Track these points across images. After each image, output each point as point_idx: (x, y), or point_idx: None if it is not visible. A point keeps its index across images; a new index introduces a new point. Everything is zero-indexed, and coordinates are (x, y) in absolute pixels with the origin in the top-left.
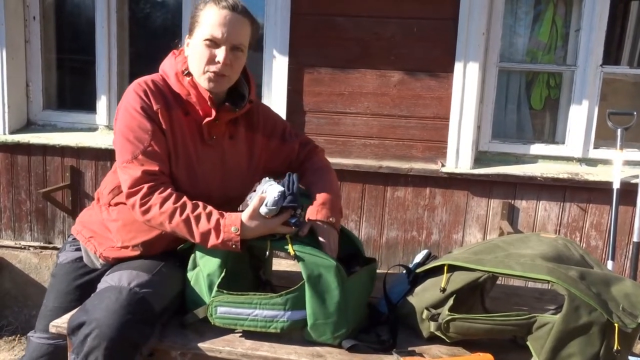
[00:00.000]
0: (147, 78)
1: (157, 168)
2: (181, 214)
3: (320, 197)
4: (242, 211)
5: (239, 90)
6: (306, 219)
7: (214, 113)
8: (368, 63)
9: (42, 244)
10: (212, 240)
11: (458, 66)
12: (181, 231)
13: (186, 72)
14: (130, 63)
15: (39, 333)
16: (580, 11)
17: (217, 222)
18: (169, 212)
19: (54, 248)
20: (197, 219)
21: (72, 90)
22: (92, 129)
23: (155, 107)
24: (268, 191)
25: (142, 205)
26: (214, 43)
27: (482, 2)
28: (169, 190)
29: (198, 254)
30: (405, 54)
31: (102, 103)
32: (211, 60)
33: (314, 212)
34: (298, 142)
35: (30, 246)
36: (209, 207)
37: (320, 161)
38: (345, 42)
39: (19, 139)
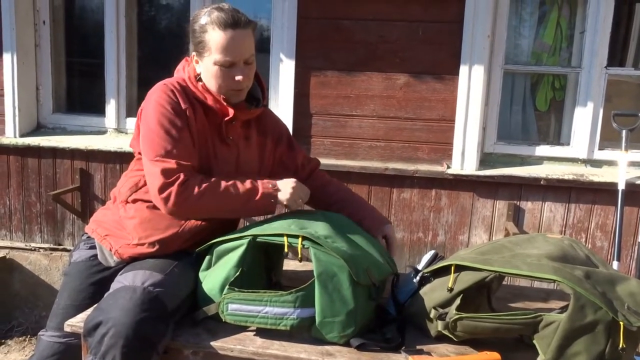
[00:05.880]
0: (171, 80)
1: (190, 162)
2: (219, 187)
3: (369, 206)
4: None
5: (251, 92)
6: (372, 227)
7: (231, 112)
8: (374, 66)
9: (52, 246)
10: (254, 198)
11: (463, 68)
12: (222, 201)
13: (198, 77)
14: (139, 67)
15: (50, 332)
16: (585, 13)
17: (253, 182)
18: (209, 188)
19: (64, 250)
20: (234, 186)
21: (82, 93)
22: (102, 132)
23: (183, 106)
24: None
25: (181, 192)
26: (228, 65)
27: (487, 5)
28: (202, 176)
29: (215, 255)
30: (410, 56)
31: (111, 106)
32: (229, 79)
33: (379, 220)
34: (302, 155)
35: (40, 248)
36: (240, 177)
37: (329, 177)
38: (351, 45)
39: (30, 142)
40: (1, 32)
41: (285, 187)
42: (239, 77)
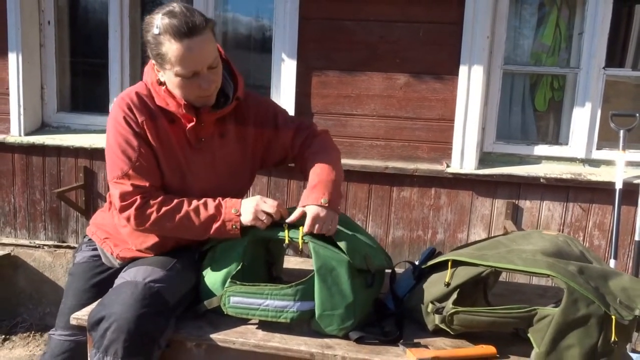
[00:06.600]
0: (131, 90)
1: (147, 183)
2: (179, 212)
3: (312, 181)
4: None
5: (222, 89)
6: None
7: (194, 119)
8: (375, 66)
9: (56, 243)
10: (214, 225)
11: (463, 69)
12: (183, 227)
13: (160, 81)
14: (142, 66)
15: (59, 330)
16: (584, 14)
17: (217, 207)
18: (168, 213)
19: (68, 247)
20: (196, 210)
21: (86, 92)
22: (105, 130)
23: (140, 119)
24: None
25: (138, 216)
26: (191, 75)
27: (487, 6)
28: (162, 197)
29: (218, 251)
30: (411, 57)
31: None
32: (195, 88)
33: (304, 198)
34: (294, 129)
35: (44, 245)
36: (205, 199)
37: (319, 144)
38: (352, 45)
39: (34, 141)
40: (6, 32)
41: (247, 209)
42: (204, 86)
